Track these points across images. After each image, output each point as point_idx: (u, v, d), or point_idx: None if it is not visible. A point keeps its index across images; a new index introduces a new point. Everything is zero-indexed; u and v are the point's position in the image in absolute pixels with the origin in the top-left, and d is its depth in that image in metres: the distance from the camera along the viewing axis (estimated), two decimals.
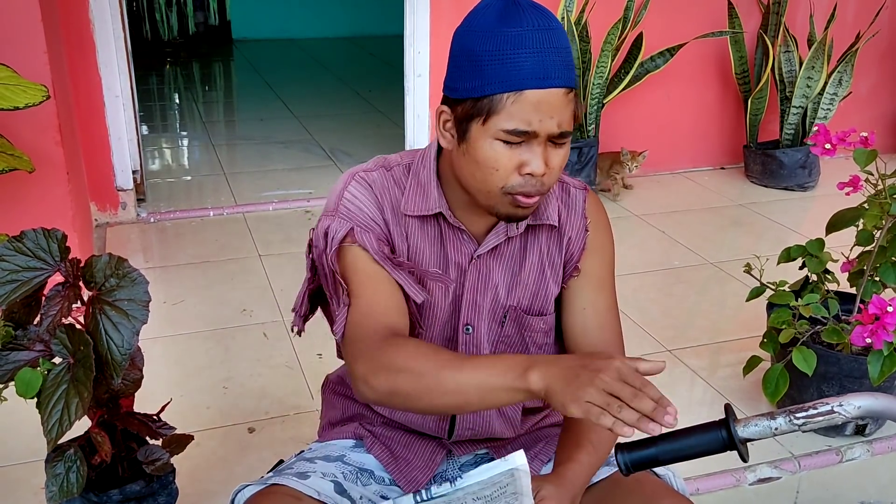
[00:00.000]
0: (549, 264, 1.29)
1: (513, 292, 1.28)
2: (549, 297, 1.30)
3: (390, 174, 1.26)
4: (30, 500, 1.66)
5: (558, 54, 1.06)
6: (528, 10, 1.06)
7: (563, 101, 1.06)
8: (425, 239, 1.25)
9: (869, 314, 1.51)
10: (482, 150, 1.10)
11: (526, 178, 1.09)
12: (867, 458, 1.89)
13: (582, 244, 1.29)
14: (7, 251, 1.31)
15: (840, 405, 0.88)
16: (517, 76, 1.05)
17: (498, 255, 1.26)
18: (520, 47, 1.05)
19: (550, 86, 1.05)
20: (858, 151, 1.57)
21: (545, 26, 1.05)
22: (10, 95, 1.85)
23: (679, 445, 0.96)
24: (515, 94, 1.05)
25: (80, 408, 1.26)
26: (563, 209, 1.29)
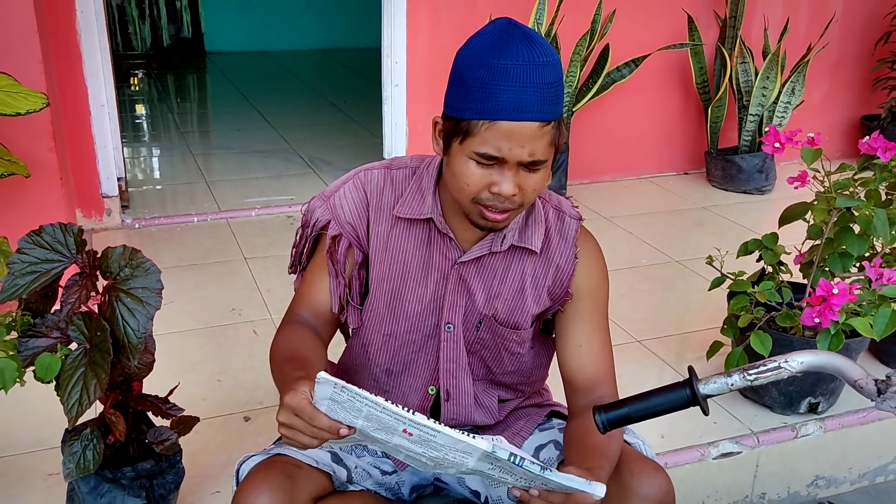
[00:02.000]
0: (532, 286, 1.40)
1: (489, 303, 1.39)
2: (527, 314, 1.41)
3: (391, 175, 1.38)
4: (39, 485, 1.74)
5: (538, 90, 1.14)
6: (520, 43, 1.15)
7: (537, 133, 1.15)
8: (411, 240, 1.37)
9: (817, 297, 1.66)
10: (458, 166, 1.22)
11: (495, 195, 1.20)
12: (820, 434, 2.05)
13: (571, 271, 1.39)
14: (27, 245, 1.40)
15: (786, 361, 1.01)
16: (493, 106, 1.14)
17: (480, 266, 1.38)
18: (501, 80, 1.14)
19: (524, 119, 1.14)
20: (805, 150, 1.73)
21: (531, 61, 1.13)
22: (11, 102, 1.94)
23: (649, 404, 1.09)
24: (489, 123, 1.15)
25: (98, 388, 1.36)
26: (556, 236, 1.40)
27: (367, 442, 1.19)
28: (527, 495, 1.09)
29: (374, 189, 1.37)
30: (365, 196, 1.37)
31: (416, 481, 1.56)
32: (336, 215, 1.37)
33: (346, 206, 1.37)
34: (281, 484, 1.30)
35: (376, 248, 1.38)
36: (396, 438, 1.05)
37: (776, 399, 2.06)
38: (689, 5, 3.71)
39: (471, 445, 1.01)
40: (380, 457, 1.50)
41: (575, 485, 1.04)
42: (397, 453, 1.14)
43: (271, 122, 4.98)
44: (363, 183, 1.38)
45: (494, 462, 1.04)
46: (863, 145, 1.78)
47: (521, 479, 1.07)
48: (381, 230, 1.37)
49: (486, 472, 1.08)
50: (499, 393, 1.50)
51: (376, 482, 1.47)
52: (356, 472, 1.44)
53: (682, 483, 1.93)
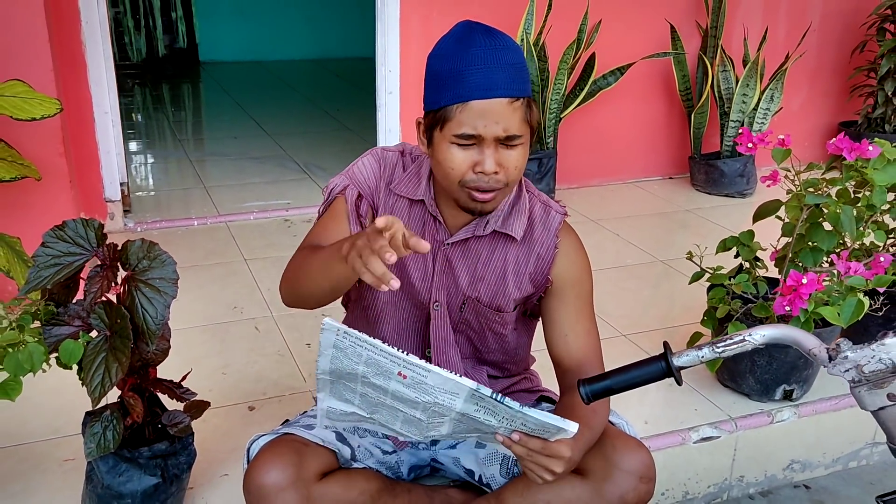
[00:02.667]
0: (514, 272, 1.51)
1: (473, 285, 1.51)
2: (509, 298, 1.52)
3: (402, 158, 1.51)
4: (55, 470, 1.83)
5: (503, 69, 1.26)
6: (481, 34, 1.29)
7: (508, 109, 1.27)
8: (405, 216, 1.49)
9: (787, 286, 1.78)
10: (441, 153, 1.33)
11: (479, 175, 1.31)
12: (795, 420, 2.17)
13: (550, 260, 1.50)
14: (51, 239, 1.50)
15: (750, 335, 1.12)
16: (465, 89, 1.27)
17: (466, 249, 1.50)
18: (469, 65, 1.27)
19: (493, 96, 1.26)
20: (776, 150, 1.85)
21: (493, 46, 1.27)
22: (27, 107, 2.04)
23: (629, 376, 1.20)
24: (462, 104, 1.27)
25: (119, 371, 1.46)
26: (539, 227, 1.51)
27: (366, 424, 1.31)
28: (508, 440, 1.19)
29: (387, 165, 1.49)
30: (380, 168, 1.49)
31: (415, 462, 1.67)
32: (356, 181, 1.48)
33: (364, 172, 1.49)
34: (290, 459, 1.41)
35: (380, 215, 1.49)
36: (393, 384, 1.15)
37: (753, 387, 2.17)
38: (671, 16, 3.85)
39: (458, 384, 1.12)
40: (380, 437, 1.61)
41: (551, 420, 1.15)
42: (394, 419, 1.25)
43: (266, 129, 5.09)
44: (380, 157, 1.50)
45: (479, 402, 1.15)
46: (830, 146, 1.90)
47: (504, 419, 1.18)
48: (387, 202, 1.49)
49: (472, 414, 1.18)
50: (486, 369, 1.61)
51: (378, 461, 1.58)
52: (359, 450, 1.55)
53: (664, 466, 2.03)
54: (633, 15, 3.82)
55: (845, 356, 1.01)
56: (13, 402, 1.44)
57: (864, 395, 1.01)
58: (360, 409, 1.26)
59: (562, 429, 1.18)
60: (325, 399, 1.28)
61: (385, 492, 1.53)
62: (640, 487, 1.44)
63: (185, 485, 1.70)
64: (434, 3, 3.41)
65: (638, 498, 1.44)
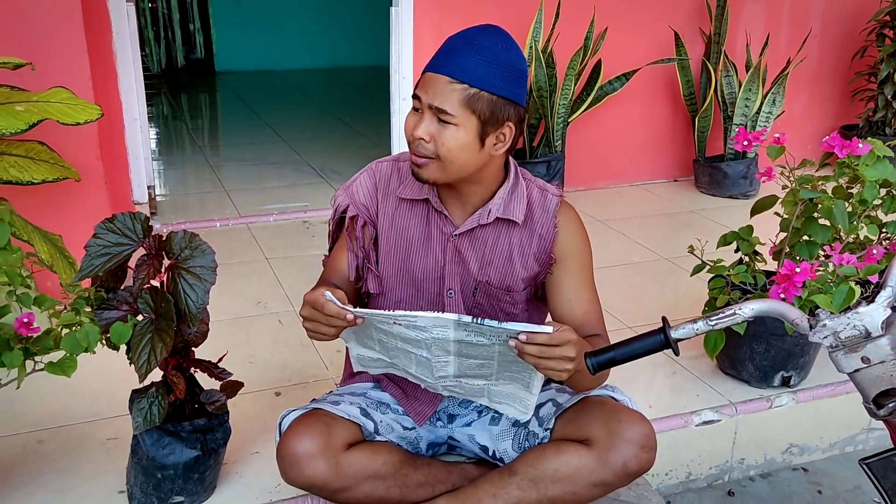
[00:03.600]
0: (519, 254, 1.64)
1: (483, 270, 1.64)
2: (517, 278, 1.65)
3: (398, 166, 1.65)
4: (98, 448, 1.97)
5: (462, 56, 1.41)
6: (475, 29, 1.45)
7: (446, 87, 1.42)
8: (413, 218, 1.63)
9: (782, 275, 1.90)
10: (407, 114, 1.51)
11: (414, 139, 1.47)
12: (792, 405, 2.28)
13: (551, 239, 1.63)
14: (101, 230, 1.64)
15: (740, 308, 1.24)
16: (430, 63, 1.46)
17: (473, 238, 1.63)
18: (444, 48, 1.46)
19: (438, 72, 1.43)
20: (771, 148, 1.98)
21: (470, 37, 1.43)
22: (72, 113, 2.19)
23: (630, 348, 1.32)
24: (424, 74, 1.47)
25: (164, 350, 1.59)
26: (539, 210, 1.64)
27: (392, 369, 1.48)
28: (519, 343, 1.31)
29: (382, 177, 1.65)
30: (375, 183, 1.65)
31: (433, 439, 1.80)
32: (354, 200, 1.65)
33: (361, 191, 1.65)
34: (320, 430, 1.54)
35: (383, 226, 1.64)
36: (396, 329, 1.34)
37: (752, 374, 2.29)
38: (675, 23, 3.98)
39: (442, 318, 1.29)
40: (401, 414, 1.73)
41: (530, 329, 1.30)
42: (409, 361, 1.42)
43: (282, 136, 5.24)
44: (374, 172, 1.66)
45: (466, 328, 1.30)
46: (823, 144, 2.02)
47: (492, 337, 1.33)
48: (388, 211, 1.63)
49: (465, 339, 1.33)
50: None
51: (398, 436, 1.70)
52: (381, 425, 1.68)
53: (667, 447, 2.15)
54: (639, 22, 3.95)
55: (824, 324, 1.13)
56: (69, 378, 1.57)
57: (840, 358, 1.13)
58: (382, 354, 1.45)
59: (541, 332, 1.31)
60: (354, 347, 1.48)
61: (406, 464, 1.65)
62: (641, 455, 1.56)
63: (222, 459, 1.83)
64: (446, 11, 3.55)
65: (639, 465, 1.56)
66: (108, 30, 3.08)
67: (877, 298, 1.10)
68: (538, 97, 3.59)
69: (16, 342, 1.54)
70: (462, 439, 1.80)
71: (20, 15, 2.42)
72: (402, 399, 1.75)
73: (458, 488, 1.69)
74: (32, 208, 2.36)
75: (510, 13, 3.65)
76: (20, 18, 2.42)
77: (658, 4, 3.98)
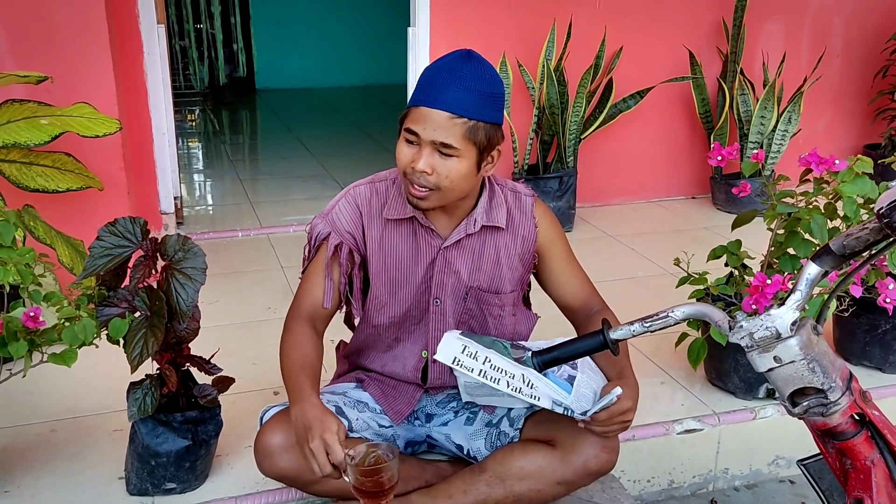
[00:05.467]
0: (506, 256, 1.74)
1: (473, 276, 1.73)
2: (504, 280, 1.74)
3: (375, 188, 1.73)
4: (105, 439, 2.11)
5: (457, 89, 1.46)
6: (459, 58, 1.51)
7: (447, 122, 1.47)
8: (399, 235, 1.71)
9: (754, 287, 1.95)
10: (397, 146, 1.57)
11: (413, 171, 1.52)
12: (778, 416, 2.30)
13: (533, 239, 1.73)
14: (104, 233, 1.78)
15: (672, 311, 1.32)
16: (420, 95, 1.51)
17: (461, 247, 1.72)
18: (431, 79, 1.50)
19: (436, 107, 1.47)
20: (746, 163, 2.03)
21: (458, 69, 1.48)
22: (92, 126, 2.37)
23: (573, 348, 1.41)
24: (415, 108, 1.51)
25: (154, 344, 1.72)
26: (517, 212, 1.74)
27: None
28: (587, 424, 1.51)
29: (363, 201, 1.71)
30: (357, 208, 1.71)
31: (411, 437, 1.89)
32: (336, 228, 1.70)
33: (343, 218, 1.71)
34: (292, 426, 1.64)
35: (372, 249, 1.71)
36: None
37: (738, 385, 2.32)
38: (692, 42, 4.03)
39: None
40: (378, 413, 1.83)
41: (604, 403, 1.50)
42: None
43: (312, 151, 5.43)
44: (354, 197, 1.72)
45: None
46: (801, 160, 2.07)
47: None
48: (375, 234, 1.71)
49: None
50: None
51: (375, 433, 1.80)
52: (357, 422, 1.77)
53: (649, 455, 2.20)
54: (654, 42, 4.01)
55: (741, 325, 1.20)
56: (69, 368, 1.72)
57: (755, 358, 1.19)
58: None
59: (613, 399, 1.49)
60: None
61: None
62: (601, 456, 1.62)
63: (213, 450, 1.95)
64: (461, 31, 3.68)
65: (600, 465, 1.63)
66: (139, 50, 3.28)
67: (787, 301, 1.16)
68: (550, 114, 3.68)
69: (23, 334, 1.69)
70: (439, 438, 1.88)
71: (51, 36, 2.62)
72: (380, 398, 1.84)
73: (432, 485, 1.77)
74: (58, 215, 2.54)
75: (523, 33, 3.75)
76: (50, 39, 2.62)
77: (675, 24, 4.04)
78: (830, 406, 1.17)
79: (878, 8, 4.33)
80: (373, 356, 1.86)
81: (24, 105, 2.37)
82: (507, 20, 3.73)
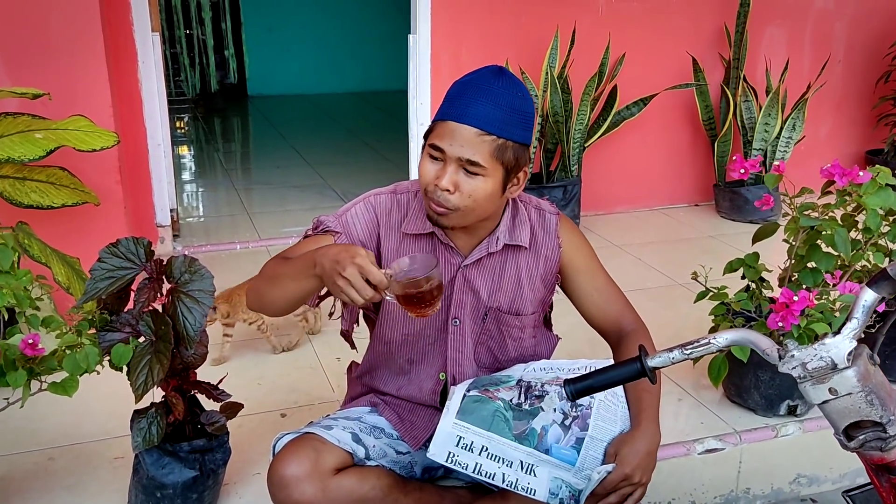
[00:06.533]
0: (527, 277, 1.67)
1: (493, 296, 1.66)
2: (526, 301, 1.67)
3: (396, 199, 1.66)
4: (105, 467, 2.02)
5: (487, 105, 1.40)
6: (490, 72, 1.45)
7: (475, 138, 1.41)
8: (418, 250, 1.63)
9: (780, 303, 1.89)
10: (420, 161, 1.51)
11: (436, 189, 1.46)
12: (799, 434, 2.25)
13: (556, 259, 1.67)
14: (106, 254, 1.70)
15: (714, 338, 1.24)
16: (447, 110, 1.45)
17: (481, 266, 1.65)
18: (460, 92, 1.44)
19: (465, 123, 1.41)
20: (769, 176, 1.97)
21: (489, 84, 1.42)
22: (88, 140, 2.28)
23: (608, 376, 1.33)
24: (442, 122, 1.45)
25: (161, 372, 1.64)
26: (540, 232, 1.67)
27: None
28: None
29: (383, 210, 1.64)
30: (375, 217, 1.63)
31: (428, 463, 1.81)
32: (347, 232, 1.62)
33: (358, 225, 1.62)
34: (309, 455, 1.57)
35: (388, 261, 1.63)
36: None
37: (758, 402, 2.27)
38: (694, 48, 3.98)
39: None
40: (395, 439, 1.75)
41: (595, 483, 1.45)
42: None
43: (307, 159, 5.34)
44: (373, 206, 1.64)
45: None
46: (823, 172, 2.01)
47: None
48: (391, 245, 1.63)
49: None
50: None
51: (391, 460, 1.72)
52: (374, 450, 1.70)
53: (670, 475, 2.14)
54: (657, 48, 3.96)
55: (792, 355, 1.13)
56: (70, 397, 1.63)
57: (808, 389, 1.13)
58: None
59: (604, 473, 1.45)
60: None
61: (396, 488, 1.66)
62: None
63: (221, 479, 1.87)
64: (463, 38, 3.61)
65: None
66: (134, 59, 3.19)
67: (843, 330, 1.10)
68: (554, 122, 3.62)
69: (21, 362, 1.60)
70: None
71: (46, 47, 2.53)
72: (397, 424, 1.77)
73: None
74: (52, 231, 2.45)
75: (526, 40, 3.69)
76: (45, 51, 2.54)
77: (676, 30, 3.99)
78: (889, 440, 1.10)
79: (879, 13, 4.30)
80: (386, 378, 1.79)
81: (17, 119, 2.28)
82: (510, 27, 3.67)
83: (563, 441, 1.52)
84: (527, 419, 1.53)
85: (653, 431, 1.54)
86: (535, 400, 1.57)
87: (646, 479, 1.49)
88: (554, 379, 1.63)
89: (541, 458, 1.49)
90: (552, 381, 1.61)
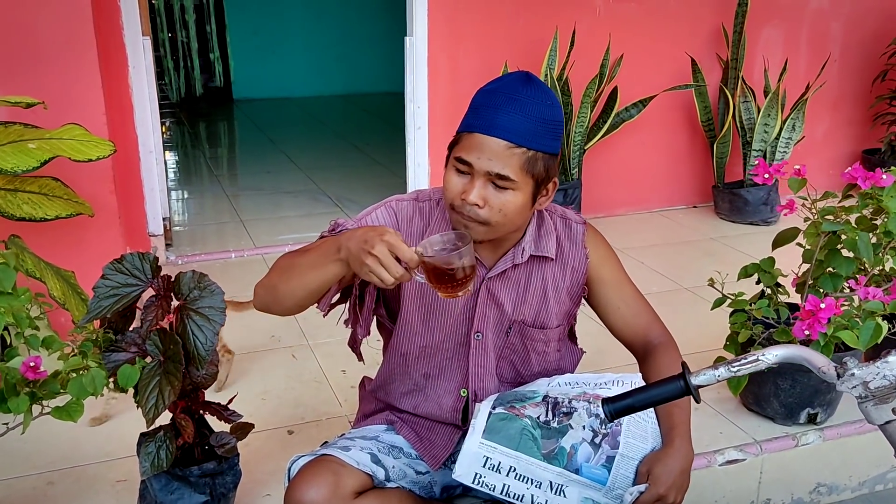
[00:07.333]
0: (553, 289, 1.61)
1: (518, 309, 1.60)
2: (551, 315, 1.61)
3: (419, 206, 1.59)
4: (108, 490, 1.94)
5: (517, 116, 1.34)
6: (517, 80, 1.38)
7: (505, 151, 1.35)
8: None
9: (806, 311, 1.84)
10: (446, 174, 1.44)
11: (464, 203, 1.40)
12: (819, 443, 2.20)
13: (584, 271, 1.60)
14: (110, 271, 1.62)
15: (763, 355, 1.19)
16: (475, 121, 1.38)
17: (505, 278, 1.58)
18: (487, 102, 1.37)
19: (493, 135, 1.35)
20: (792, 180, 1.93)
21: (517, 93, 1.36)
22: (84, 150, 2.19)
23: (649, 395, 1.27)
24: (469, 134, 1.38)
25: (171, 394, 1.56)
26: (566, 242, 1.61)
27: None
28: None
29: (405, 217, 1.57)
30: (397, 223, 1.57)
31: (448, 482, 1.74)
32: None
33: None
34: (328, 478, 1.49)
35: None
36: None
37: (777, 410, 2.22)
38: (692, 49, 3.95)
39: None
40: (414, 458, 1.69)
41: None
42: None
43: (298, 164, 5.25)
44: (395, 211, 1.58)
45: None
46: (845, 175, 1.97)
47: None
48: None
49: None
50: None
51: (411, 481, 1.65)
52: (393, 471, 1.63)
53: (691, 488, 2.06)
54: (655, 49, 3.92)
55: (852, 373, 1.08)
56: (75, 423, 1.55)
57: (870, 409, 1.08)
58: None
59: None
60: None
61: None
62: None
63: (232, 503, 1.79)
64: (461, 41, 3.55)
65: None
66: (124, 63, 3.10)
67: None
68: None
69: (22, 386, 1.52)
70: None
71: (37, 53, 2.44)
72: (416, 443, 1.70)
73: None
74: (46, 244, 2.36)
75: (525, 42, 3.63)
76: (37, 57, 2.44)
77: (674, 31, 3.95)
78: None
79: (875, 12, 4.30)
80: (402, 395, 1.72)
81: (9, 128, 2.18)
82: (508, 28, 3.61)
83: (594, 460, 1.46)
84: (555, 437, 1.47)
85: (686, 449, 1.48)
86: (564, 417, 1.51)
87: (679, 499, 1.44)
88: (581, 395, 1.57)
89: (571, 478, 1.44)
90: (580, 397, 1.55)
